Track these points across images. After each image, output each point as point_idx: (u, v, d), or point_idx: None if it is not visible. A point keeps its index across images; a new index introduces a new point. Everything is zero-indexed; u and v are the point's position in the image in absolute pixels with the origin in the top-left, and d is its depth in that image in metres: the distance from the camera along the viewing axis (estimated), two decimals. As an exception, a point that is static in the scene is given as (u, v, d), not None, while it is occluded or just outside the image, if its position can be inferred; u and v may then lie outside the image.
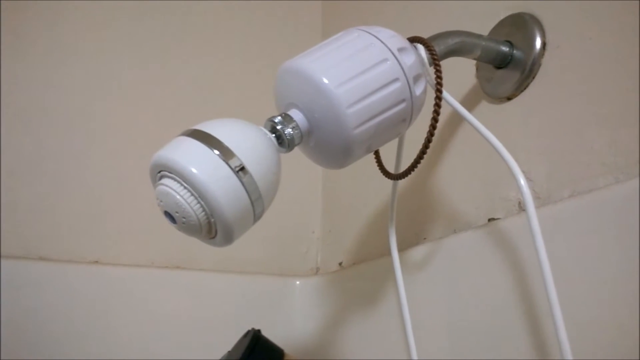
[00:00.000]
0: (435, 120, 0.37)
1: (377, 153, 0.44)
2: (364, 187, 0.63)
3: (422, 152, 0.37)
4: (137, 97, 0.65)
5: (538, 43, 0.44)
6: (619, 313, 0.34)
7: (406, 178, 0.42)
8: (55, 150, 0.61)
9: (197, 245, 0.43)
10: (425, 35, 0.42)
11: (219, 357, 0.45)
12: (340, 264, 0.65)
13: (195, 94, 0.68)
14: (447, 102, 0.39)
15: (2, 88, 0.59)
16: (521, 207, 0.43)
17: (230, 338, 0.48)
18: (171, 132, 0.36)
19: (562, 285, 0.35)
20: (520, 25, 0.46)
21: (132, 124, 0.64)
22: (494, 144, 0.36)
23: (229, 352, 0.40)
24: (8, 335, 0.53)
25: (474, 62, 0.50)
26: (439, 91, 0.37)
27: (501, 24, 0.48)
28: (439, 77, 0.37)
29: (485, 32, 0.49)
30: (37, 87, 0.61)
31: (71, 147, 0.61)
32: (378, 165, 0.43)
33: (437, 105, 0.37)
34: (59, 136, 0.61)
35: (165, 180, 0.32)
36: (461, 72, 0.51)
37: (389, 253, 0.48)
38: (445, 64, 0.42)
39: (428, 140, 0.37)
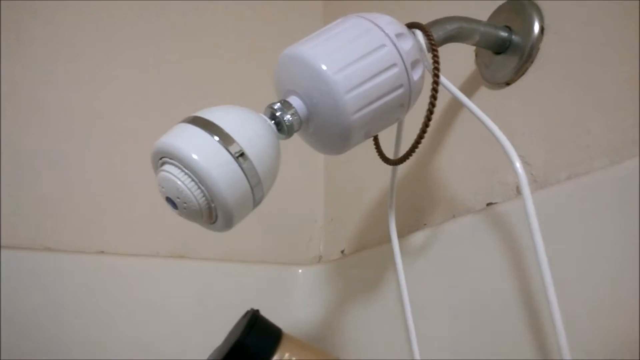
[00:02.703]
0: (432, 105, 0.37)
1: (376, 139, 0.44)
2: (366, 175, 0.64)
3: (420, 137, 0.37)
4: (138, 89, 0.66)
5: (536, 28, 0.45)
6: (617, 294, 0.35)
7: (407, 164, 0.42)
8: (60, 141, 0.61)
9: (201, 235, 0.44)
10: (425, 21, 0.42)
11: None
12: (342, 251, 0.66)
13: (196, 90, 0.69)
14: (445, 87, 0.39)
15: (6, 82, 0.60)
16: (519, 191, 0.44)
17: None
18: (173, 123, 0.37)
19: (559, 267, 0.36)
20: (518, 11, 0.46)
21: (135, 115, 0.65)
22: (491, 128, 0.36)
23: (229, 332, 0.41)
24: (14, 324, 0.54)
25: (474, 47, 0.50)
26: (436, 76, 0.37)
27: (500, 9, 0.48)
28: (436, 62, 0.37)
29: (484, 17, 0.49)
30: (40, 81, 0.62)
31: (76, 138, 0.62)
32: (377, 151, 0.44)
33: (434, 90, 0.37)
34: (64, 128, 0.62)
35: (166, 167, 0.33)
36: (461, 58, 0.51)
37: (390, 239, 0.48)
38: (445, 49, 0.42)
39: (425, 125, 0.37)
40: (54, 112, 0.62)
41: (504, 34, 0.46)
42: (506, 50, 0.46)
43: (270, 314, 0.48)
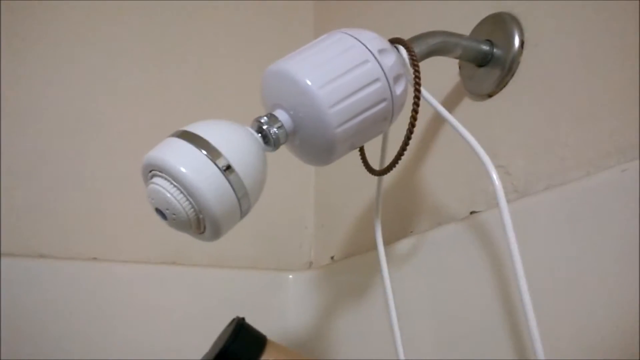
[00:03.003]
0: (413, 118, 0.38)
1: (362, 150, 0.46)
2: (356, 182, 0.65)
3: (402, 149, 0.39)
4: (134, 97, 0.67)
5: (517, 41, 0.46)
6: (592, 301, 0.36)
7: (394, 173, 0.44)
8: (54, 148, 0.62)
9: (192, 242, 0.45)
10: (413, 34, 0.43)
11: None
12: (332, 257, 0.67)
13: (189, 95, 0.69)
14: (426, 100, 0.40)
15: (2, 87, 0.61)
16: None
17: (225, 331, 0.50)
18: (166, 132, 0.38)
19: (536, 274, 0.37)
20: (500, 25, 0.48)
21: (129, 123, 0.66)
22: (468, 140, 0.38)
23: (215, 340, 0.42)
24: (8, 331, 0.54)
25: (457, 60, 0.52)
26: (417, 91, 0.38)
27: (482, 23, 0.50)
28: (417, 77, 0.39)
29: (467, 31, 0.50)
30: (36, 87, 0.62)
31: (70, 145, 0.63)
32: (363, 162, 0.45)
33: (416, 104, 0.38)
34: (58, 135, 0.62)
35: (156, 179, 0.34)
36: (445, 70, 0.52)
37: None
38: (430, 62, 0.43)
39: (407, 138, 0.39)
40: (44, 118, 0.62)
41: (485, 47, 0.47)
42: (488, 63, 0.48)
43: (261, 320, 0.49)
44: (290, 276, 0.68)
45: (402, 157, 0.40)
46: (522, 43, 0.46)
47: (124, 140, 0.65)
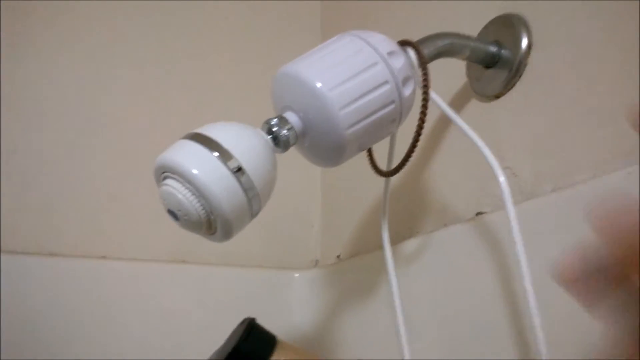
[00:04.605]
0: (422, 120, 0.39)
1: (370, 151, 0.46)
2: (362, 182, 0.65)
3: (410, 150, 0.39)
4: (141, 96, 0.67)
5: (524, 43, 0.46)
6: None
7: (401, 174, 0.44)
8: (62, 147, 0.62)
9: (201, 241, 0.45)
10: (420, 34, 0.43)
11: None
12: (338, 256, 0.68)
13: (195, 94, 0.70)
14: (434, 102, 0.40)
15: (7, 87, 0.61)
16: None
17: (232, 329, 0.51)
18: (173, 130, 0.38)
19: (543, 275, 0.37)
20: (507, 26, 0.48)
21: (137, 122, 0.66)
22: (475, 141, 0.38)
23: (226, 339, 0.43)
24: (17, 329, 0.55)
25: (465, 62, 0.52)
26: (425, 93, 0.39)
27: (490, 24, 0.50)
28: (425, 79, 0.39)
29: (475, 32, 0.50)
30: (43, 85, 0.63)
31: (78, 144, 0.63)
32: (370, 163, 0.46)
33: (424, 107, 0.39)
34: (65, 131, 0.63)
35: (168, 181, 0.35)
36: (453, 71, 0.53)
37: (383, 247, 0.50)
38: (438, 64, 0.43)
39: (416, 140, 0.39)
40: (55, 116, 0.63)
41: (493, 49, 0.48)
42: (496, 65, 0.48)
43: (267, 318, 0.50)
44: (296, 275, 0.68)
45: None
46: (529, 45, 0.46)
47: (133, 138, 0.65)
